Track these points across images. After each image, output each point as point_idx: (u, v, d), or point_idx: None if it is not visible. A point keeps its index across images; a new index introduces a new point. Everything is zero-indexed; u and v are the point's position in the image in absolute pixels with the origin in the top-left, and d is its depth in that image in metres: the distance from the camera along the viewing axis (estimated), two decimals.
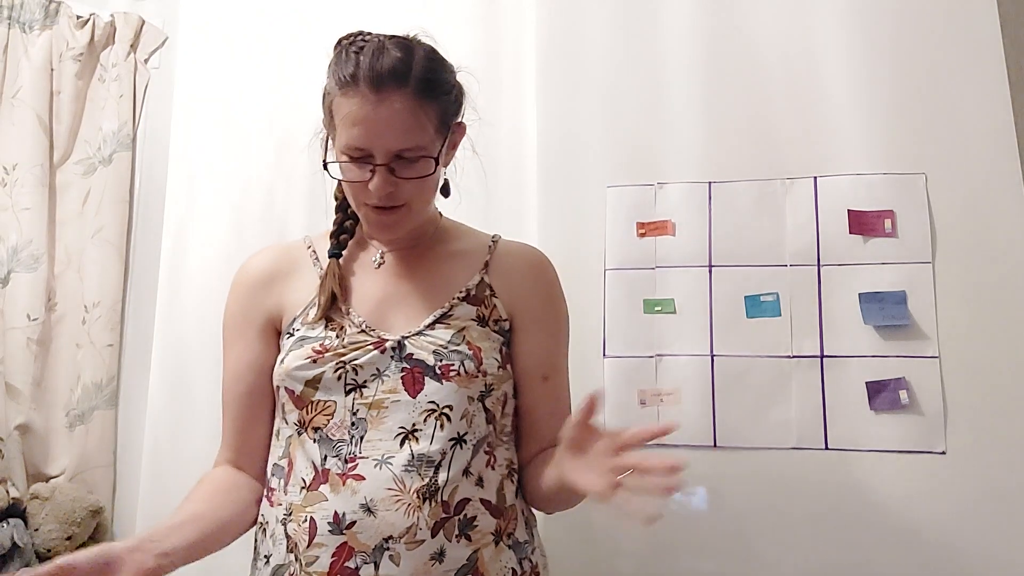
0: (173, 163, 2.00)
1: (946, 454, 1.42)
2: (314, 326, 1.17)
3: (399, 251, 1.25)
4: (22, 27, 2.09)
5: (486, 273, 1.23)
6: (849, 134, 1.55)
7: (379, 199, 1.14)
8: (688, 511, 1.52)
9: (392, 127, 1.11)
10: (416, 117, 1.12)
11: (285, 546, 1.11)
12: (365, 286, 1.22)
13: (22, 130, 2.03)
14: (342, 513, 1.07)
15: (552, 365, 1.24)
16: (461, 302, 1.19)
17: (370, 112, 1.10)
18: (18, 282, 1.98)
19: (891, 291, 1.49)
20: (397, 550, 1.05)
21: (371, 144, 1.11)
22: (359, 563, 1.05)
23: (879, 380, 1.47)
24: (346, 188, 1.19)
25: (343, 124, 1.13)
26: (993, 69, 1.49)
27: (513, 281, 1.24)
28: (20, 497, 1.84)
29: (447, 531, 1.08)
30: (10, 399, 1.92)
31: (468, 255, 1.25)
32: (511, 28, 1.80)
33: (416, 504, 1.07)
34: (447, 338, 1.15)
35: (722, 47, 1.63)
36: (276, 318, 1.23)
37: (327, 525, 1.07)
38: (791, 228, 1.56)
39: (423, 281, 1.22)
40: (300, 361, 1.14)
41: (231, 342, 1.26)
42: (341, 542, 1.06)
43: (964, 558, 1.39)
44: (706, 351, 1.55)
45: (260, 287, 1.25)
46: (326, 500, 1.09)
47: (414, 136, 1.12)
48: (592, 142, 1.68)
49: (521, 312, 1.22)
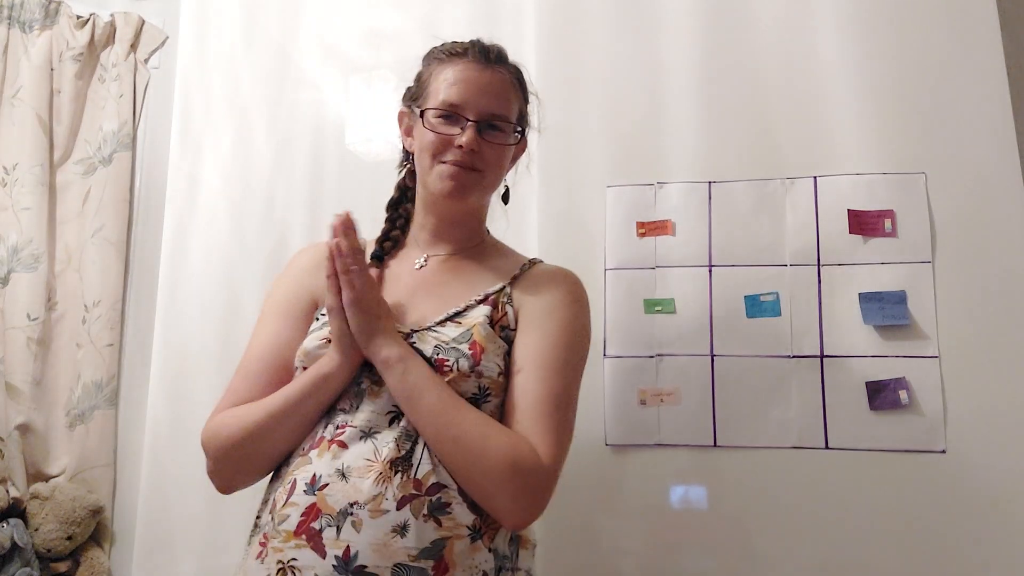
0: (173, 163, 2.00)
1: (946, 454, 1.42)
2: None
3: (442, 256, 1.29)
4: (22, 27, 2.09)
5: (510, 284, 1.25)
6: (849, 134, 1.55)
7: (464, 154, 1.20)
8: (687, 509, 1.53)
9: (492, 91, 1.23)
10: (511, 92, 1.26)
11: (268, 507, 1.14)
12: (397, 284, 1.26)
13: (22, 130, 2.03)
14: (319, 475, 1.09)
15: (530, 360, 1.17)
16: (477, 304, 1.21)
17: (474, 74, 1.23)
18: (18, 282, 1.98)
19: (891, 291, 1.49)
20: (360, 516, 1.05)
21: (468, 100, 1.21)
22: (323, 524, 1.06)
23: (879, 380, 1.47)
24: (427, 146, 1.23)
25: (442, 85, 1.23)
26: (993, 69, 1.49)
27: (531, 291, 1.24)
28: (20, 497, 1.84)
29: (414, 508, 1.06)
30: (10, 399, 1.92)
31: (501, 269, 1.28)
32: (511, 28, 1.80)
33: (387, 474, 1.07)
34: (453, 335, 1.16)
35: (722, 47, 1.63)
36: (316, 301, 1.26)
37: (303, 486, 1.09)
38: (791, 228, 1.56)
39: (450, 286, 1.25)
40: (316, 343, 1.18)
41: (272, 317, 1.28)
42: (311, 502, 1.07)
43: (964, 558, 1.39)
44: (706, 351, 1.55)
45: (309, 273, 1.29)
46: (310, 463, 1.11)
47: (507, 106, 1.25)
48: (592, 142, 1.68)
49: (525, 317, 1.22)
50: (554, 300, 1.23)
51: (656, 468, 1.54)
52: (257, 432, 1.16)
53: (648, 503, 1.54)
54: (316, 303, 1.27)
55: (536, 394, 1.15)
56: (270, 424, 1.15)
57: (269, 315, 1.29)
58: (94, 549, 1.91)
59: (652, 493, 1.54)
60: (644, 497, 1.54)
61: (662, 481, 1.54)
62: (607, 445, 1.56)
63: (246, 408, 1.19)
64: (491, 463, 1.08)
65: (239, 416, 1.18)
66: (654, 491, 1.54)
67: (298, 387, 1.16)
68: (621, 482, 1.55)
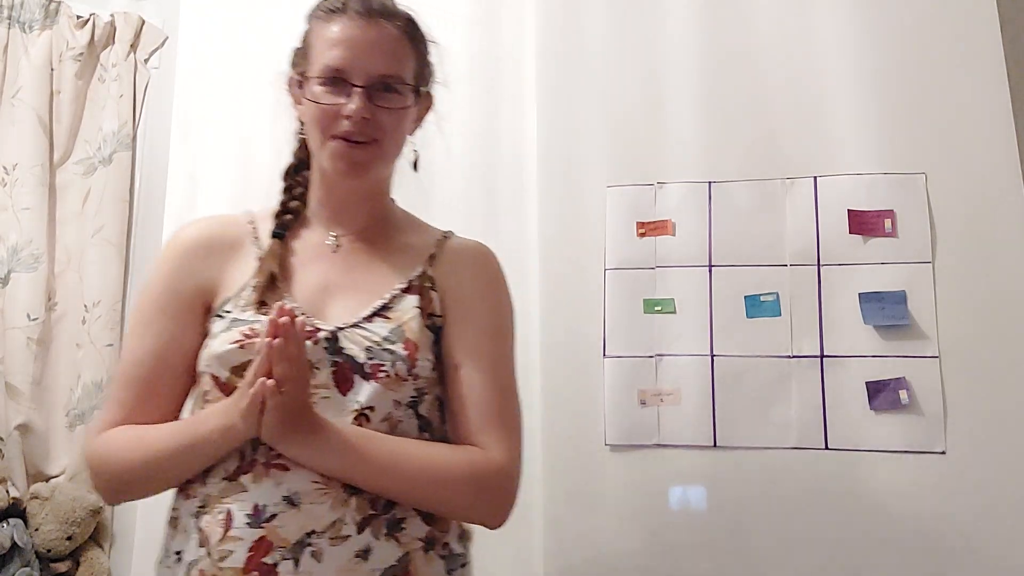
0: (173, 163, 2.00)
1: (946, 454, 1.42)
2: (246, 309, 1.08)
3: (352, 236, 1.18)
4: (22, 27, 2.09)
5: (430, 266, 1.16)
6: (849, 134, 1.55)
7: (353, 125, 1.08)
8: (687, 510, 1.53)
9: (378, 49, 1.09)
10: (401, 48, 1.12)
11: (197, 540, 1.02)
12: (308, 272, 1.14)
13: (22, 130, 2.03)
14: (262, 505, 0.99)
15: (468, 353, 1.11)
16: (403, 294, 1.12)
17: (356, 33, 1.09)
18: (18, 282, 1.97)
19: (891, 291, 1.49)
20: (320, 545, 0.98)
21: (353, 63, 1.08)
22: (277, 558, 0.97)
23: (879, 380, 1.47)
24: (314, 120, 1.11)
25: (324, 47, 1.10)
26: (993, 69, 1.49)
27: (453, 275, 1.16)
28: (20, 497, 1.84)
29: (374, 528, 1.01)
30: (10, 399, 1.92)
31: (416, 248, 1.18)
32: (511, 28, 1.80)
33: (343, 498, 1.00)
34: (383, 334, 1.07)
35: (722, 47, 1.63)
36: (208, 294, 1.13)
37: (245, 518, 0.99)
38: (791, 228, 1.56)
39: (368, 271, 1.15)
40: (227, 346, 1.05)
41: (150, 316, 1.13)
42: (259, 536, 0.98)
43: (964, 558, 1.39)
44: (706, 351, 1.55)
45: (197, 258, 1.14)
46: (245, 491, 1.00)
47: (397, 64, 1.11)
48: (592, 142, 1.68)
49: (452, 304, 1.14)
50: (480, 284, 1.17)
51: (656, 468, 1.54)
52: (156, 465, 1.06)
53: (648, 503, 1.54)
54: (205, 294, 1.12)
55: (483, 393, 1.10)
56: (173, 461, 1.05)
57: (148, 311, 1.13)
58: (94, 549, 1.91)
59: (652, 493, 1.54)
60: (644, 497, 1.54)
61: (662, 481, 1.54)
62: (607, 445, 1.56)
63: (141, 437, 1.07)
64: (454, 491, 1.05)
65: (133, 443, 1.07)
66: (654, 491, 1.54)
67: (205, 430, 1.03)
68: (621, 482, 1.55)
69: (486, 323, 1.15)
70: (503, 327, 1.17)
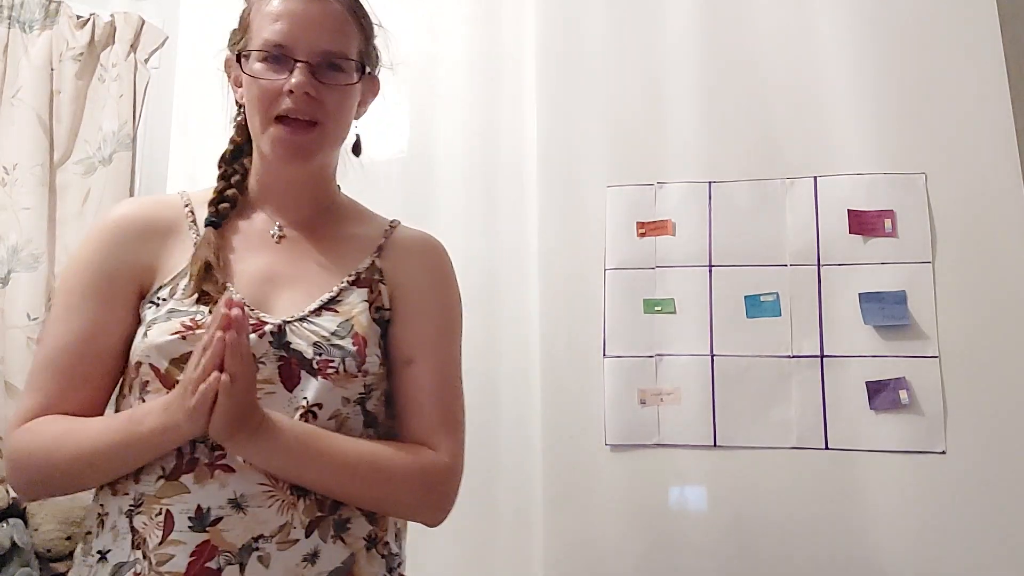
0: (173, 163, 2.00)
1: (946, 454, 1.42)
2: (184, 298, 1.03)
3: (295, 225, 1.13)
4: (22, 27, 2.09)
5: (378, 257, 1.12)
6: (849, 134, 1.55)
7: (295, 102, 1.03)
8: (687, 509, 1.53)
9: (321, 24, 1.05)
10: (347, 24, 1.08)
11: (130, 541, 0.97)
12: (250, 261, 1.08)
13: (22, 130, 2.03)
14: (206, 508, 0.95)
15: (420, 349, 1.09)
16: (351, 286, 1.08)
17: (299, 7, 1.05)
18: (18, 281, 1.98)
19: (891, 291, 1.49)
20: (267, 550, 0.95)
21: (295, 38, 1.04)
22: (222, 563, 0.93)
23: (879, 380, 1.47)
24: (254, 99, 1.06)
25: (263, 21, 1.06)
26: (993, 69, 1.49)
27: (402, 268, 1.12)
28: (20, 497, 1.84)
29: (322, 531, 0.98)
30: (10, 398, 1.92)
31: (363, 239, 1.14)
32: (511, 28, 1.80)
33: (291, 501, 0.97)
34: (332, 328, 1.04)
35: (722, 47, 1.63)
36: (142, 278, 1.07)
37: (187, 520, 0.94)
38: (791, 228, 1.56)
39: (314, 262, 1.10)
40: (166, 337, 0.99)
41: (77, 299, 1.06)
42: (202, 540, 0.93)
43: (964, 558, 1.39)
44: (706, 351, 1.55)
45: (130, 239, 1.07)
46: (188, 492, 0.96)
47: (342, 40, 1.07)
48: (592, 142, 1.68)
49: (402, 298, 1.11)
50: (431, 279, 1.14)
51: (656, 468, 1.54)
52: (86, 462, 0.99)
53: (648, 503, 1.54)
54: (139, 278, 1.06)
55: (432, 392, 1.08)
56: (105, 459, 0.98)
57: (76, 293, 1.06)
58: None
59: (652, 493, 1.54)
60: (644, 497, 1.54)
61: (662, 481, 1.54)
62: (607, 445, 1.56)
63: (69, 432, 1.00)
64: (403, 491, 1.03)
65: (61, 438, 1.00)
66: (654, 491, 1.54)
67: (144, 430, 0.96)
68: (621, 482, 1.55)
69: (437, 320, 1.12)
70: (453, 324, 1.15)
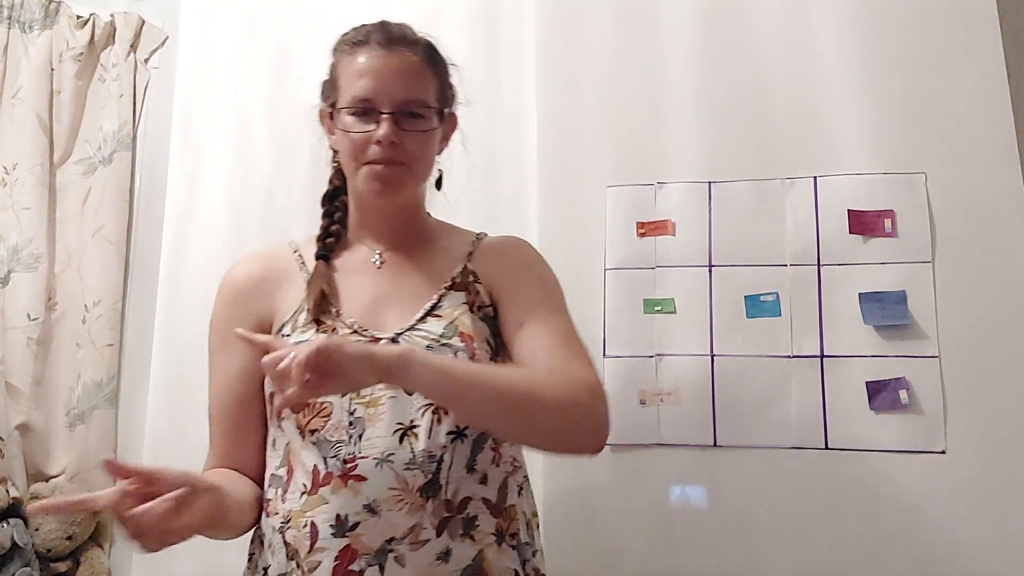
0: (173, 163, 2.00)
1: (946, 454, 1.42)
2: (305, 330, 1.15)
3: (393, 250, 1.25)
4: (22, 27, 2.09)
5: (469, 261, 1.23)
6: (849, 134, 1.55)
7: (383, 150, 1.14)
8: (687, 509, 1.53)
9: (401, 77, 1.16)
10: (422, 73, 1.18)
11: (285, 554, 1.08)
12: (355, 288, 1.20)
13: (22, 130, 2.03)
14: (344, 515, 1.05)
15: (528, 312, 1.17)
16: (448, 291, 1.19)
17: (379, 63, 1.16)
18: (18, 281, 1.98)
19: (891, 291, 1.49)
20: (401, 551, 1.03)
21: (379, 92, 1.14)
22: (363, 566, 1.03)
23: (879, 380, 1.47)
24: (347, 148, 1.18)
25: (350, 79, 1.17)
26: (993, 69, 1.49)
27: (492, 265, 1.23)
28: (20, 497, 1.84)
29: (451, 530, 1.06)
30: (10, 398, 1.92)
31: (454, 250, 1.25)
32: (511, 28, 1.80)
33: (419, 503, 1.05)
34: (439, 331, 1.14)
35: (722, 47, 1.63)
36: (266, 324, 1.20)
37: (329, 528, 1.05)
38: (791, 228, 1.56)
39: (412, 277, 1.21)
40: None
41: (218, 351, 1.23)
42: (344, 545, 1.04)
43: (964, 558, 1.39)
44: (706, 351, 1.55)
45: (248, 293, 1.23)
46: (327, 503, 1.06)
47: (420, 89, 1.18)
48: (592, 142, 1.68)
49: (499, 287, 1.21)
50: (521, 264, 1.25)
51: (656, 468, 1.54)
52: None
53: (648, 503, 1.54)
54: (262, 325, 1.19)
55: (552, 338, 1.15)
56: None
57: (215, 352, 1.24)
58: (94, 549, 1.91)
59: (652, 493, 1.54)
60: (644, 497, 1.54)
61: (662, 481, 1.54)
62: (607, 445, 1.56)
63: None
64: (556, 409, 1.06)
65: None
66: (654, 491, 1.54)
67: None
68: (621, 482, 1.55)
69: (537, 291, 1.21)
70: (554, 293, 1.23)
